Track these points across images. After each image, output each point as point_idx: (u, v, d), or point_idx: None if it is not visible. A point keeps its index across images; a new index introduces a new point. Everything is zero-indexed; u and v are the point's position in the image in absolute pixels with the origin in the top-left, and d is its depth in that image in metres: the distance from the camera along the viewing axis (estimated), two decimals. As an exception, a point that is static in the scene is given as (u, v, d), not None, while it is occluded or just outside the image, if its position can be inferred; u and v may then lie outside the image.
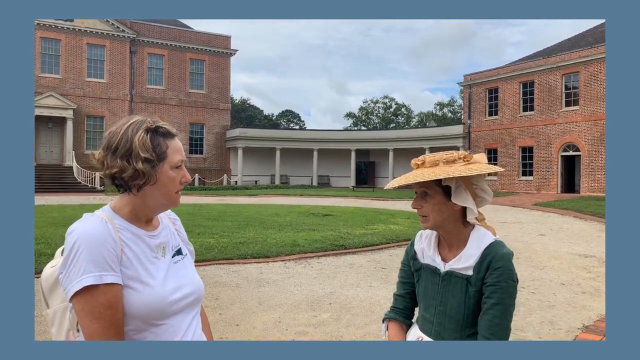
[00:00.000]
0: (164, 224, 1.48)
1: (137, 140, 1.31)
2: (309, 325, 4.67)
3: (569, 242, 10.38)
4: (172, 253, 1.43)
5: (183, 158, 1.41)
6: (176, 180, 1.38)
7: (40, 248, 7.68)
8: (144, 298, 1.28)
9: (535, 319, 4.88)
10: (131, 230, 1.34)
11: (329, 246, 8.94)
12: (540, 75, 29.65)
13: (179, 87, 37.11)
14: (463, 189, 1.55)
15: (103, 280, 1.21)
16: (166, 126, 1.39)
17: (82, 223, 1.28)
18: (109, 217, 1.33)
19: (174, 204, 1.40)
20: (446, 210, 1.56)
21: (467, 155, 1.56)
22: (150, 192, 1.35)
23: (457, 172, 1.49)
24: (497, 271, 1.49)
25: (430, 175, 1.50)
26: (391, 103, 68.57)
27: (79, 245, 1.22)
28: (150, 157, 1.31)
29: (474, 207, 1.57)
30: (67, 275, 1.22)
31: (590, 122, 26.97)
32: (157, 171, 1.33)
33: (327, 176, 42.01)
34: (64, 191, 27.40)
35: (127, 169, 1.30)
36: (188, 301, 1.39)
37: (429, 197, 1.57)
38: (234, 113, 50.59)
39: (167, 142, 1.37)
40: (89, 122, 33.58)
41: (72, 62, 33.11)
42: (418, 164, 1.60)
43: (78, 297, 1.21)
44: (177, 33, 37.19)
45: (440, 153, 1.59)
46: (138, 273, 1.30)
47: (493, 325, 1.47)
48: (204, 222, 12.36)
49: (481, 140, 33.04)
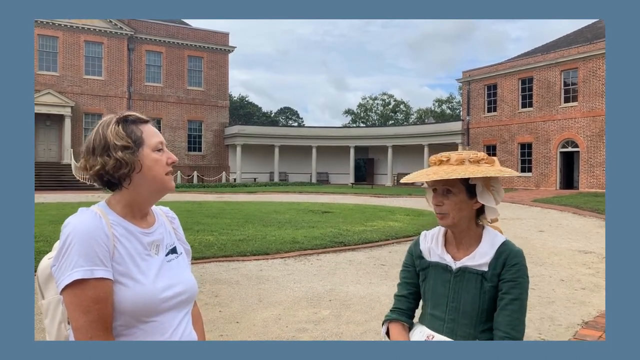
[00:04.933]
0: (160, 222, 1.47)
1: (110, 133, 1.33)
2: (309, 322, 4.67)
3: (568, 238, 10.39)
4: (165, 251, 1.42)
5: (162, 140, 1.41)
6: (161, 161, 1.38)
7: (39, 246, 7.67)
8: (133, 294, 1.28)
9: (535, 315, 4.89)
10: (125, 227, 1.34)
11: (329, 243, 8.94)
12: (539, 71, 29.64)
13: (177, 85, 37.03)
14: (486, 189, 1.57)
15: (94, 274, 1.22)
16: (136, 114, 1.41)
17: (76, 217, 1.28)
18: (104, 212, 1.33)
19: (167, 187, 1.40)
20: (466, 208, 1.58)
21: (489, 157, 1.59)
22: (140, 181, 1.35)
23: (492, 172, 1.51)
24: (514, 267, 1.52)
25: (464, 173, 1.50)
26: (390, 100, 68.60)
27: (71, 239, 1.23)
28: (127, 144, 1.33)
29: (496, 207, 1.59)
30: (59, 268, 1.23)
31: (589, 118, 26.98)
32: (139, 157, 1.34)
33: (326, 173, 42.02)
34: (63, 189, 27.37)
35: (109, 161, 1.31)
36: (179, 299, 1.38)
37: (452, 195, 1.57)
38: (232, 110, 50.52)
39: (140, 128, 1.38)
40: (87, 119, 33.48)
41: (70, 59, 33.01)
42: (442, 160, 1.59)
43: (68, 290, 1.22)
44: (175, 30, 37.09)
45: (465, 152, 1.59)
46: (129, 269, 1.30)
47: (513, 320, 1.49)
48: (203, 219, 12.36)
49: (480, 137, 33.04)
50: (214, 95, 38.61)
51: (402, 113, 68.30)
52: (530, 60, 30.39)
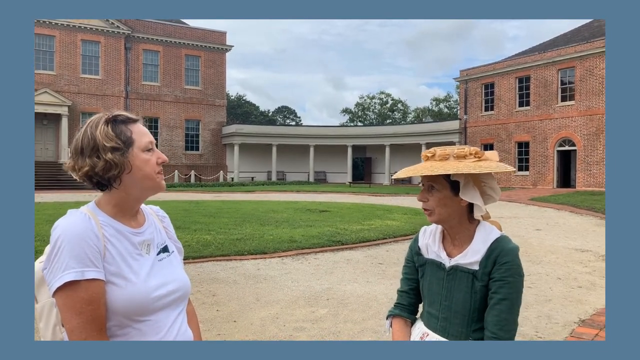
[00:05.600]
0: (150, 221, 1.47)
1: (100, 134, 1.31)
2: (307, 321, 4.68)
3: (565, 236, 10.42)
4: (157, 250, 1.42)
5: (152, 140, 1.40)
6: (151, 162, 1.37)
7: (37, 245, 7.64)
8: (125, 294, 1.28)
9: (532, 314, 4.90)
10: (114, 227, 1.34)
11: (326, 242, 8.95)
12: (536, 70, 29.69)
13: (174, 84, 36.98)
14: (472, 185, 1.53)
15: (85, 276, 1.21)
16: (125, 113, 1.39)
17: (65, 219, 1.28)
18: (93, 213, 1.33)
19: (158, 186, 1.39)
20: (452, 205, 1.55)
21: (479, 151, 1.54)
22: (130, 181, 1.35)
23: (467, 169, 1.47)
24: (504, 266, 1.49)
25: (438, 170, 1.48)
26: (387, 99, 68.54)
27: (61, 242, 1.23)
28: (117, 145, 1.32)
29: (482, 204, 1.55)
30: (50, 271, 1.23)
31: (586, 117, 27.04)
32: (128, 157, 1.33)
33: (323, 172, 42.01)
34: (60, 188, 27.28)
35: (98, 163, 1.30)
36: (172, 298, 1.39)
37: (436, 191, 1.55)
38: (229, 109, 50.45)
39: (130, 128, 1.37)
40: (84, 119, 33.37)
41: (67, 58, 32.94)
42: (428, 156, 1.57)
43: (60, 293, 1.22)
44: (172, 29, 37.03)
45: (452, 147, 1.56)
46: (120, 269, 1.29)
47: (501, 320, 1.47)
48: (201, 218, 12.35)
49: (477, 136, 33.08)
50: (211, 94, 38.56)
51: (399, 112, 68.31)
52: (527, 59, 30.43)
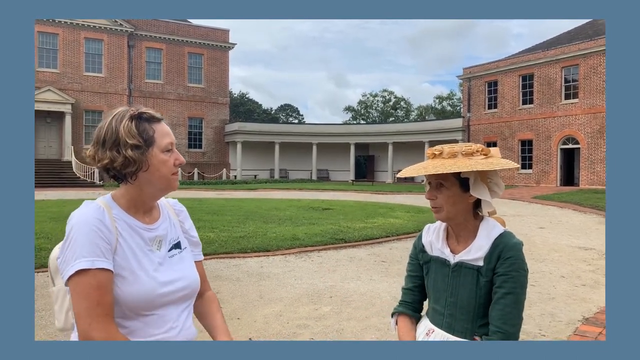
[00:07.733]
0: (165, 216, 1.49)
1: (123, 129, 1.33)
2: (310, 318, 4.69)
3: (569, 234, 10.40)
4: (168, 247, 1.44)
5: (172, 140, 1.41)
6: (169, 163, 1.38)
7: (40, 243, 7.69)
8: (133, 288, 1.30)
9: (535, 312, 4.90)
10: (127, 221, 1.36)
11: (329, 240, 8.95)
12: (539, 68, 29.60)
13: (177, 82, 36.99)
14: (479, 182, 1.54)
15: (95, 265, 1.24)
16: (150, 111, 1.40)
17: (80, 210, 1.31)
18: (108, 206, 1.35)
19: (171, 187, 1.41)
20: (460, 202, 1.55)
21: (485, 148, 1.54)
22: (146, 179, 1.36)
23: (479, 166, 1.47)
24: (508, 261, 1.49)
25: (452, 167, 1.47)
26: (390, 96, 68.45)
27: (75, 232, 1.26)
28: (138, 143, 1.33)
29: (491, 200, 1.56)
30: (64, 259, 1.26)
31: (589, 115, 26.95)
32: (147, 156, 1.34)
33: (326, 170, 42.00)
34: (63, 186, 27.35)
35: (117, 158, 1.31)
36: (180, 295, 1.40)
37: (445, 188, 1.55)
38: (232, 107, 50.48)
39: (153, 127, 1.38)
40: (87, 116, 33.47)
41: (70, 56, 32.97)
42: (435, 154, 1.57)
43: (71, 280, 1.25)
44: (175, 27, 37.02)
45: (459, 144, 1.56)
46: (129, 263, 1.32)
47: (505, 314, 1.47)
48: (204, 216, 12.37)
49: (480, 134, 33.02)
50: (214, 92, 38.56)
51: (402, 110, 68.20)
52: (530, 56, 30.33)
